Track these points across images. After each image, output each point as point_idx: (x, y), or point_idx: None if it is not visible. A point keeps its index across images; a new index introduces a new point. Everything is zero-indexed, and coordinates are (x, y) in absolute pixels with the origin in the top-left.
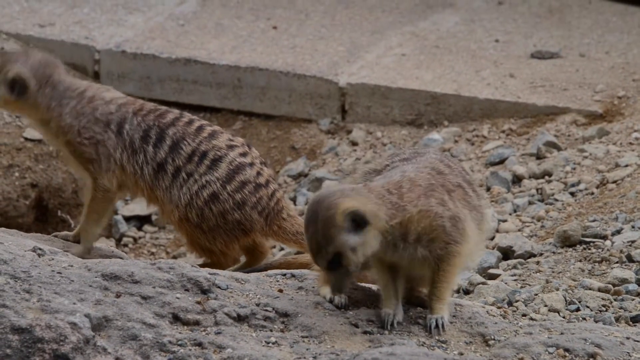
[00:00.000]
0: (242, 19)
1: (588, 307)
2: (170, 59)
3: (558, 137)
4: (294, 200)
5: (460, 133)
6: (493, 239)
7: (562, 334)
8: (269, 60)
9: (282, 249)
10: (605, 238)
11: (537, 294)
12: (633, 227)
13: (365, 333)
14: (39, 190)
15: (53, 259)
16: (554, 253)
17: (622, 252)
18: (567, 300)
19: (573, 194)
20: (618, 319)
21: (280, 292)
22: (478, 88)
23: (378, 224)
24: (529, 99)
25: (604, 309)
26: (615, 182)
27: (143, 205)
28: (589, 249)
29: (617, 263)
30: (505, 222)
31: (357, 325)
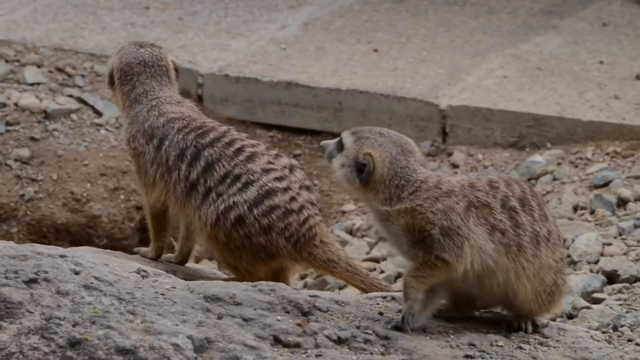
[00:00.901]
0: (343, 42)
1: None
2: (272, 83)
3: None
4: None
5: (564, 155)
6: (597, 263)
7: None
8: (370, 83)
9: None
10: None
11: None
12: None
13: (467, 357)
14: (144, 213)
15: (156, 281)
16: None
17: None
18: None
19: None
20: None
21: (381, 314)
22: (581, 110)
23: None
24: (635, 121)
25: None
26: None
27: None
28: None
29: None
30: (610, 245)
31: (458, 349)
